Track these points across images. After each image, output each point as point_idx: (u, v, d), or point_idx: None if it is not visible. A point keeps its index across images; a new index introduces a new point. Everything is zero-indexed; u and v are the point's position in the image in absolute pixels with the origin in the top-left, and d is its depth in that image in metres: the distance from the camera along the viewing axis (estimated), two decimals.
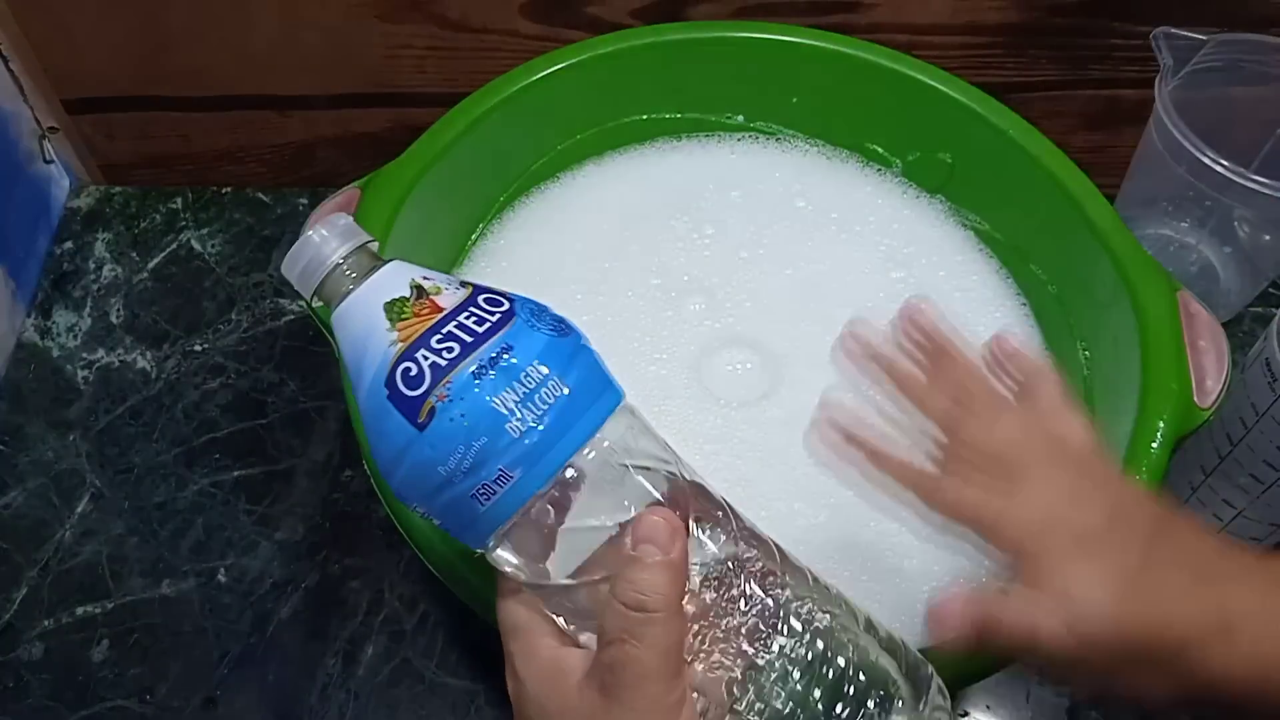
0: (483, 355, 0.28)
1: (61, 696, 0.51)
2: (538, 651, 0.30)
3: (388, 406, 0.29)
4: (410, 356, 0.29)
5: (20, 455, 0.58)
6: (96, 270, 0.66)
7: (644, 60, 0.56)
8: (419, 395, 0.28)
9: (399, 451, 0.29)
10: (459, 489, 0.28)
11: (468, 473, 0.28)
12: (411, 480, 0.29)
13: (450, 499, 0.29)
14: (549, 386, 0.29)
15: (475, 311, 0.29)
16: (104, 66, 0.64)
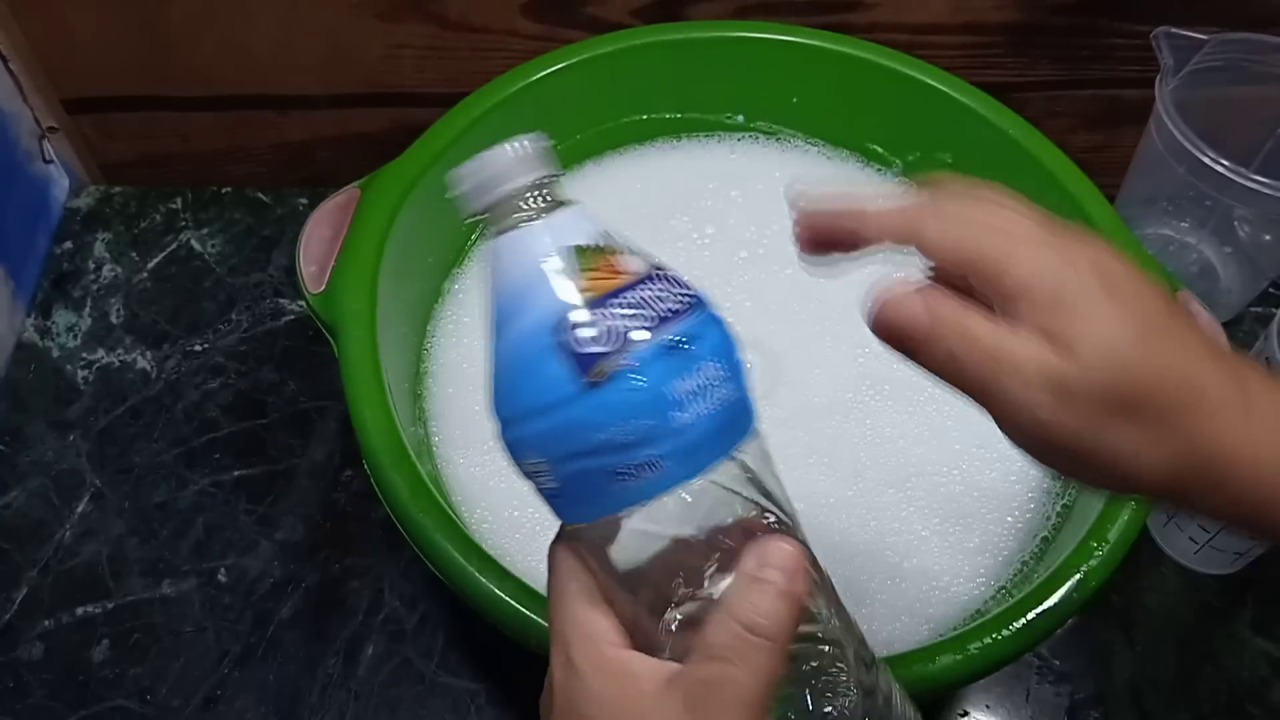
0: (673, 335, 0.27)
1: (62, 696, 0.51)
2: (601, 648, 0.28)
3: (553, 354, 0.26)
4: (596, 310, 0.27)
5: (20, 455, 0.58)
6: (96, 270, 0.66)
7: (644, 60, 0.56)
8: (596, 354, 0.26)
9: (549, 403, 0.26)
10: (601, 461, 0.26)
11: (619, 448, 0.26)
12: (550, 435, 0.27)
13: (586, 468, 0.27)
14: (720, 387, 0.27)
15: (664, 288, 0.28)
16: (104, 66, 0.64)
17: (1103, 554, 0.41)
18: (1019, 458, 0.50)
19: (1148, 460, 0.27)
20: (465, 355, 0.53)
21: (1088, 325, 0.27)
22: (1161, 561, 0.56)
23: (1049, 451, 0.28)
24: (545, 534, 0.47)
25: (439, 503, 0.42)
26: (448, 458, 0.50)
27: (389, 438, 0.43)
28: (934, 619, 0.46)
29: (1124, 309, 0.27)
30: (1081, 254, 0.28)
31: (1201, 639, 0.54)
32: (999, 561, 0.48)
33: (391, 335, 0.48)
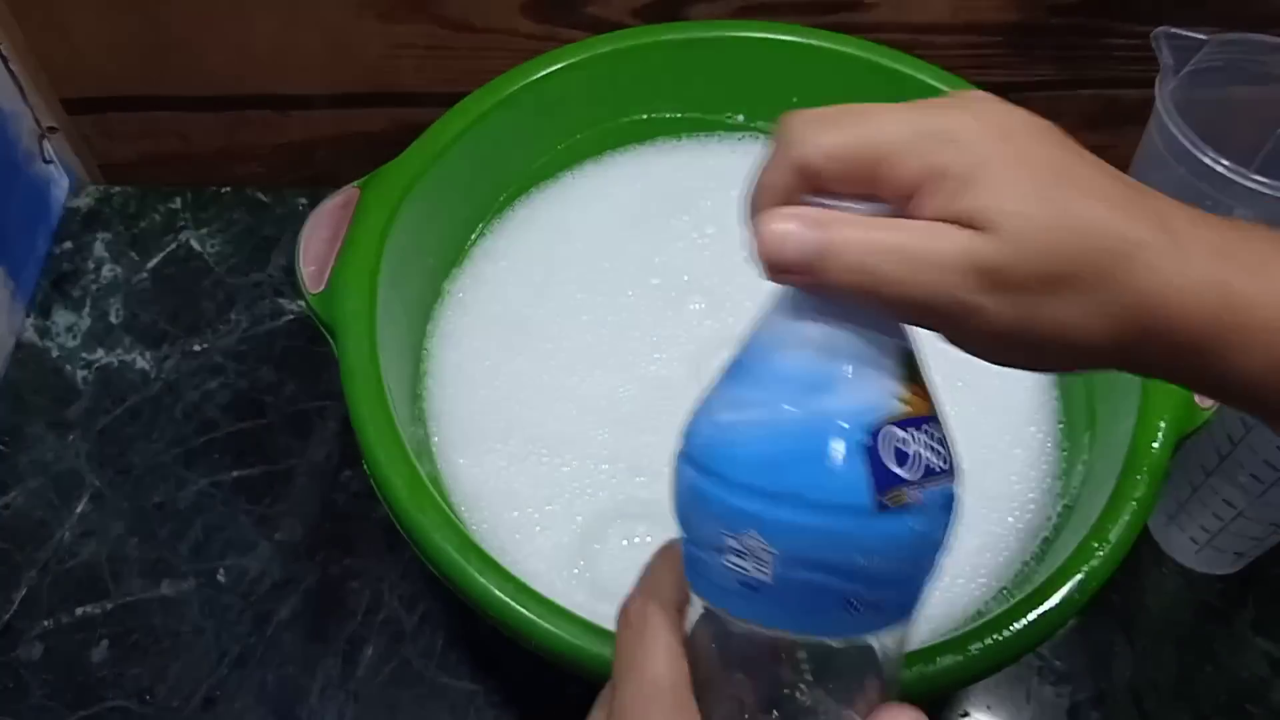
0: (954, 490, 0.25)
1: (61, 696, 0.51)
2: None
3: (856, 456, 0.23)
4: (911, 431, 0.24)
5: (20, 455, 0.58)
6: (96, 270, 0.66)
7: (644, 60, 0.56)
8: (899, 478, 0.23)
9: (825, 503, 0.23)
10: (842, 584, 0.24)
11: (869, 580, 0.24)
12: (804, 533, 0.23)
13: (817, 581, 0.24)
14: (941, 553, 0.25)
15: (944, 435, 0.25)
16: (103, 66, 0.64)
17: (1104, 554, 0.41)
18: (1020, 458, 0.51)
19: (1096, 327, 0.24)
20: (465, 356, 0.53)
21: (1002, 196, 0.24)
22: (1162, 561, 0.56)
23: (1003, 348, 0.26)
24: (544, 533, 0.48)
25: (438, 503, 0.42)
26: (447, 458, 0.50)
27: (388, 438, 0.43)
28: (935, 619, 0.46)
29: (1031, 167, 0.24)
30: (966, 116, 0.25)
31: (1202, 639, 0.54)
32: (1000, 562, 0.48)
33: (391, 335, 0.48)
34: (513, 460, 0.50)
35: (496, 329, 0.54)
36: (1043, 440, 0.51)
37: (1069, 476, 0.49)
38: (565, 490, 0.49)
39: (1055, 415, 0.52)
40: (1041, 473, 0.50)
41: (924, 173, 0.24)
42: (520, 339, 0.53)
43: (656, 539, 0.47)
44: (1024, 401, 0.52)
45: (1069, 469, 0.50)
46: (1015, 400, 0.52)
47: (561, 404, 0.51)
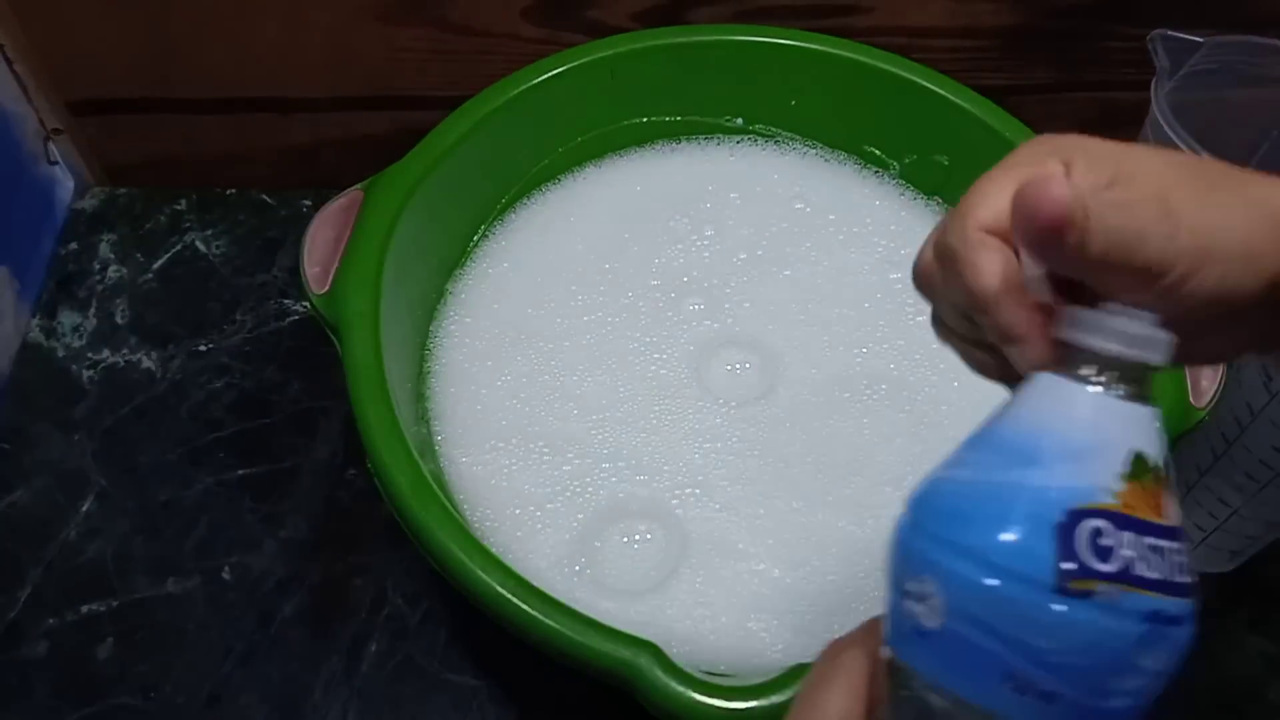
0: (1163, 607, 0.24)
1: (66, 694, 0.51)
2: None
3: (1049, 532, 0.23)
4: (1112, 524, 0.23)
5: (26, 454, 0.59)
6: (101, 271, 0.66)
7: (644, 63, 0.57)
8: (1083, 567, 0.23)
9: (1003, 568, 0.23)
10: (1004, 652, 0.23)
11: (1036, 661, 0.23)
12: (976, 592, 0.24)
13: (982, 645, 0.24)
14: (1141, 678, 0.24)
15: (1182, 559, 0.24)
16: (108, 68, 0.64)
17: None
18: None
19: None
20: (468, 355, 0.54)
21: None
22: None
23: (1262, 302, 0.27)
24: (546, 531, 0.48)
25: (442, 501, 0.42)
26: (450, 456, 0.50)
27: (392, 437, 0.44)
28: None
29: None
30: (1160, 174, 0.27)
31: (1198, 638, 0.54)
32: None
33: (395, 335, 0.49)
34: (514, 459, 0.50)
35: (498, 329, 0.54)
36: None
37: None
38: (566, 489, 0.49)
39: None
40: None
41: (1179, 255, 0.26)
42: (522, 339, 0.54)
43: (657, 537, 0.48)
44: None
45: None
46: None
47: (563, 403, 0.52)
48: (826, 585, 0.47)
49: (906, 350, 0.53)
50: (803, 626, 0.46)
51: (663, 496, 0.49)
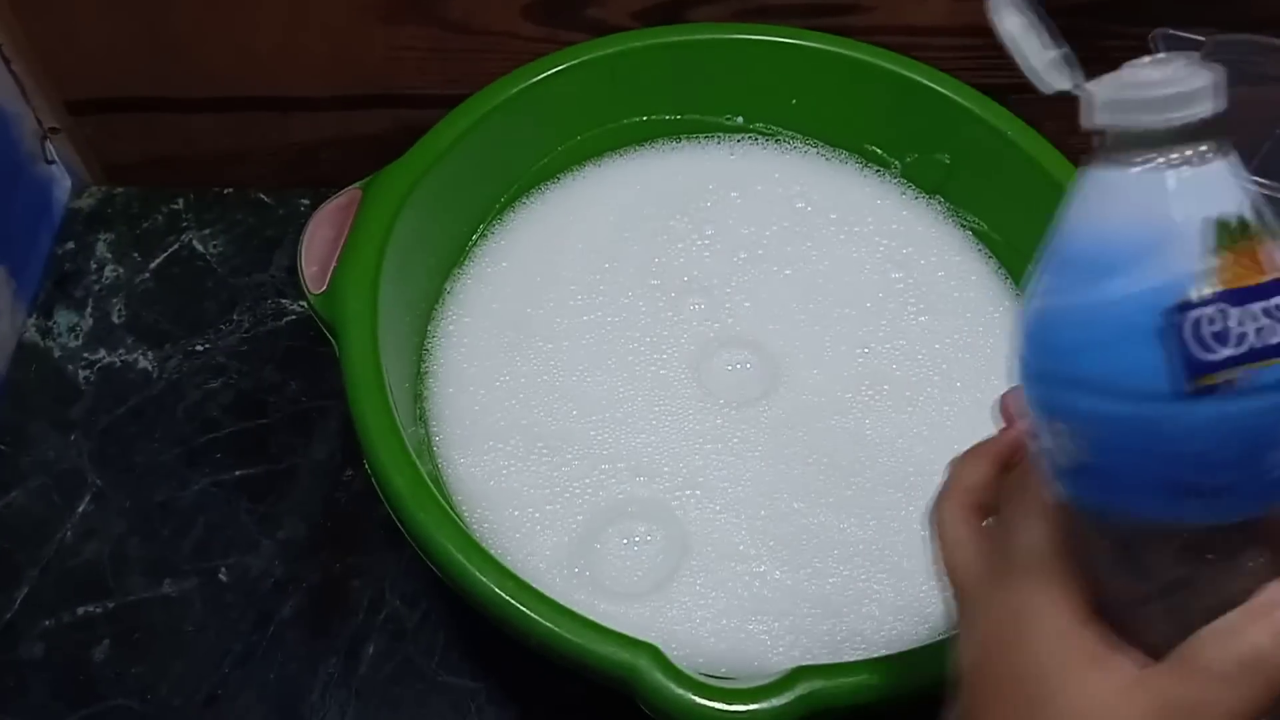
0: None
1: (62, 695, 0.51)
2: (1070, 622, 0.25)
3: (1155, 339, 0.22)
4: (1214, 307, 0.22)
5: (21, 455, 0.58)
6: (98, 270, 0.66)
7: (644, 62, 0.57)
8: (1200, 363, 0.22)
9: (1123, 389, 0.22)
10: (1162, 468, 0.23)
11: (1196, 466, 0.22)
12: (1104, 420, 0.23)
13: (1136, 464, 0.23)
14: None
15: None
16: (106, 67, 0.64)
17: None
18: None
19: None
20: (466, 355, 0.53)
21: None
22: None
23: None
24: (545, 532, 0.48)
25: (439, 502, 0.42)
26: (448, 457, 0.50)
27: (390, 437, 0.43)
28: (933, 618, 0.46)
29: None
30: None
31: None
32: None
33: (392, 335, 0.49)
34: (513, 460, 0.50)
35: (497, 329, 0.54)
36: None
37: None
38: (566, 490, 0.49)
39: None
40: None
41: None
42: (521, 339, 0.54)
43: (657, 538, 0.48)
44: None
45: None
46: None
47: (562, 404, 0.51)
48: (828, 587, 0.47)
49: (909, 350, 0.53)
50: (804, 629, 0.45)
51: (663, 497, 0.49)
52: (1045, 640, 0.25)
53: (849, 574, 0.47)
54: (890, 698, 0.38)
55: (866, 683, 0.38)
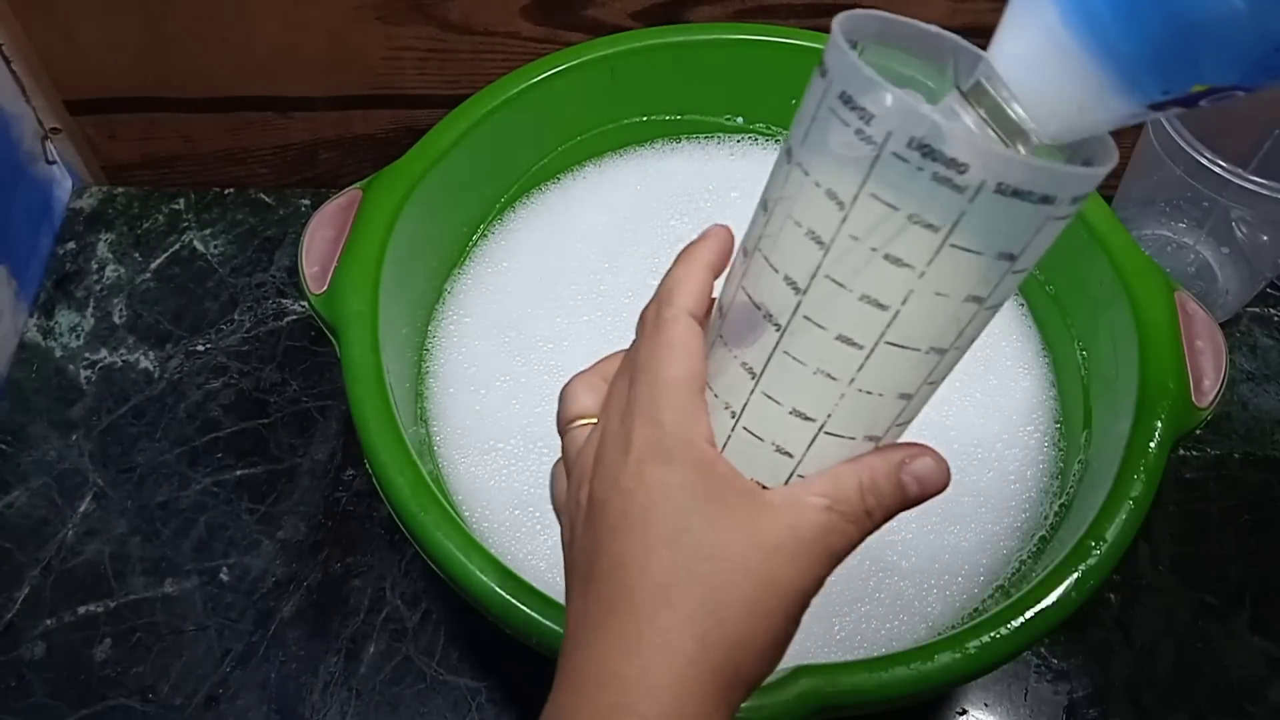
0: None
1: (64, 695, 0.51)
2: (704, 447, 0.27)
3: None
4: None
5: (23, 455, 0.59)
6: (99, 270, 0.66)
7: (644, 62, 0.57)
8: None
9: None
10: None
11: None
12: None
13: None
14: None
15: None
16: (106, 68, 0.64)
17: (1101, 553, 0.41)
18: (1018, 457, 0.51)
19: None
20: (466, 356, 0.53)
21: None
22: (1159, 561, 0.56)
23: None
24: (545, 532, 0.48)
25: (440, 502, 0.42)
26: (449, 457, 0.50)
27: (390, 437, 0.43)
28: (932, 617, 0.46)
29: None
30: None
31: (1200, 638, 0.54)
32: (997, 560, 0.48)
33: (393, 336, 0.49)
34: (513, 460, 0.50)
35: (497, 329, 0.54)
36: (1040, 440, 0.51)
37: (1066, 476, 0.50)
38: None
39: (1052, 415, 0.52)
40: (1039, 472, 0.50)
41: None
42: (521, 339, 0.54)
43: None
44: (1021, 401, 0.52)
45: (1066, 468, 0.50)
46: (1013, 400, 0.52)
47: None
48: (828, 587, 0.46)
49: None
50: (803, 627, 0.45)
51: None
52: (687, 470, 0.27)
53: (849, 574, 0.47)
54: (890, 698, 0.38)
55: (865, 681, 0.38)
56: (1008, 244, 0.25)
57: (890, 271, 0.25)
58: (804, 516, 0.27)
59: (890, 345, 0.26)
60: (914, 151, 0.23)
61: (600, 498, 0.28)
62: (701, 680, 0.26)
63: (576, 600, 0.29)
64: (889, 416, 0.28)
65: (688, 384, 0.28)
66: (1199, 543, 0.56)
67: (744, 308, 0.28)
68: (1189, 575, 0.55)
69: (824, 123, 0.25)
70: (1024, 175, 0.23)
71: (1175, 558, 0.56)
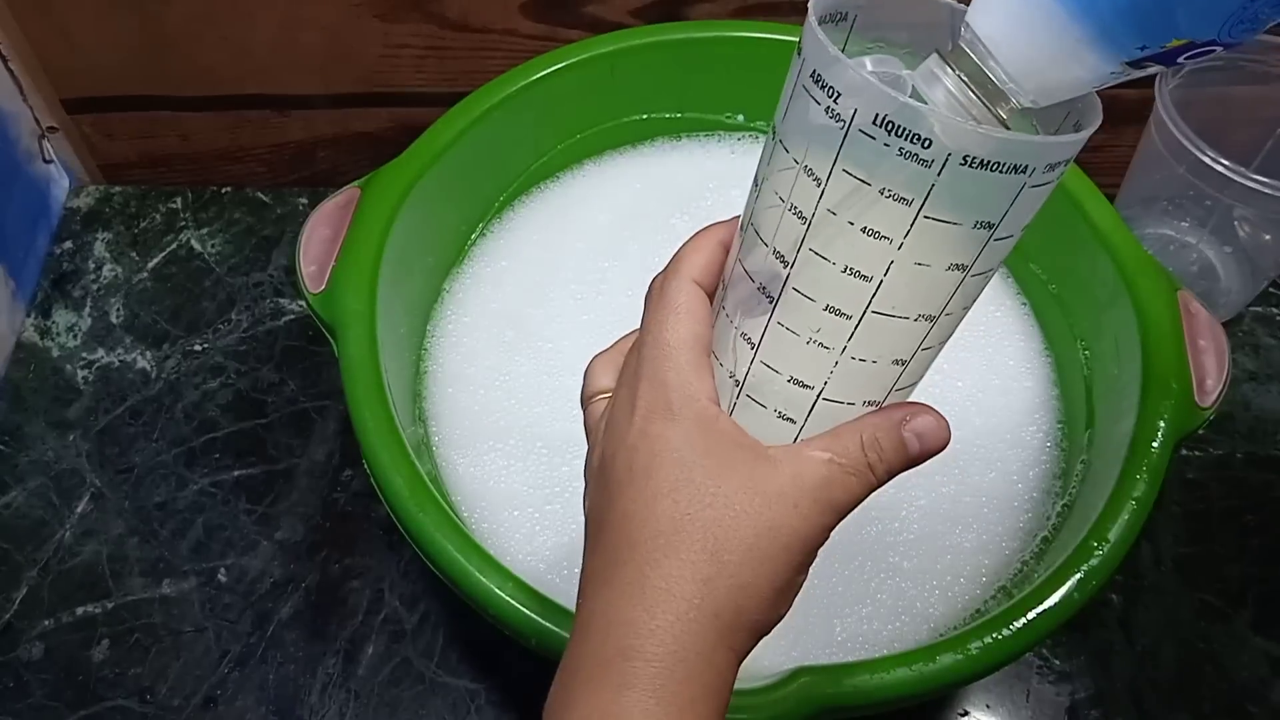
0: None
1: (61, 696, 0.51)
2: (710, 407, 0.28)
3: None
4: None
5: (20, 455, 0.58)
6: (96, 270, 0.66)
7: (644, 60, 0.56)
8: None
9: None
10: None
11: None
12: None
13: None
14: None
15: None
16: (104, 66, 0.64)
17: (1103, 554, 0.41)
18: (1020, 457, 0.51)
19: None
20: (465, 355, 0.53)
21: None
22: (1161, 561, 0.56)
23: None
24: (544, 533, 0.48)
25: (439, 502, 0.42)
26: (447, 458, 0.50)
27: (389, 437, 0.43)
28: (934, 618, 0.46)
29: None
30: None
31: (1201, 639, 0.54)
32: (999, 561, 0.48)
33: (391, 335, 0.48)
34: (513, 460, 0.50)
35: (496, 329, 0.54)
36: (1042, 440, 0.51)
37: (1068, 476, 0.49)
38: (565, 490, 0.49)
39: (1055, 415, 0.52)
40: (1041, 472, 0.50)
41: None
42: (520, 339, 0.53)
43: None
44: (1024, 401, 0.52)
45: (1068, 468, 0.50)
46: (1015, 400, 0.52)
47: (561, 404, 0.51)
48: (828, 588, 0.46)
49: None
50: (803, 629, 0.45)
51: None
52: (694, 431, 0.28)
53: (849, 574, 0.47)
54: (892, 699, 0.38)
55: (866, 683, 0.38)
56: (984, 213, 0.25)
57: (869, 244, 0.25)
58: (805, 467, 0.28)
59: (877, 314, 0.26)
60: (879, 128, 0.24)
61: (609, 456, 0.29)
62: (704, 622, 0.27)
63: (589, 556, 0.30)
64: (887, 382, 0.28)
65: (690, 345, 0.29)
66: (1201, 543, 0.56)
67: (741, 280, 0.28)
68: (1191, 575, 0.55)
69: (799, 101, 0.25)
70: (989, 146, 0.23)
71: (1178, 558, 0.56)
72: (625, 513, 0.28)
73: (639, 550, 0.27)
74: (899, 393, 0.29)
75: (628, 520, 0.28)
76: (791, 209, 0.26)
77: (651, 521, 0.27)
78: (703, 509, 0.27)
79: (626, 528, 0.28)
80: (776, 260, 0.27)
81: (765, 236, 0.27)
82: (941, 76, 0.25)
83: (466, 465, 0.50)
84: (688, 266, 0.30)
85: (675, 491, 0.27)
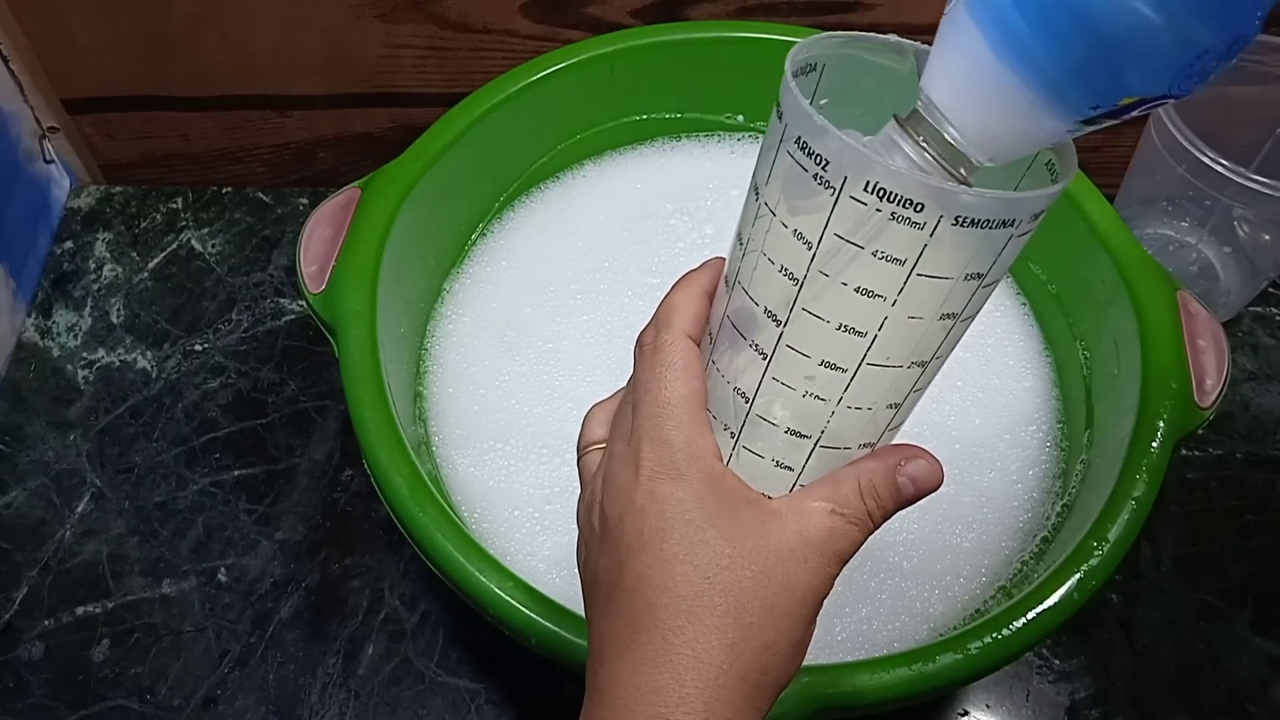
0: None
1: (62, 696, 0.51)
2: (713, 462, 0.28)
3: None
4: None
5: (20, 455, 0.58)
6: (97, 270, 0.66)
7: (644, 60, 0.56)
8: None
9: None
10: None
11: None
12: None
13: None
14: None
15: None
16: (104, 66, 0.64)
17: (1103, 554, 0.41)
18: (1020, 458, 0.51)
19: None
20: (465, 355, 0.53)
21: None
22: (1161, 561, 0.56)
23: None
24: (544, 533, 0.48)
25: (439, 502, 0.42)
26: (447, 458, 0.50)
27: (389, 437, 0.43)
28: (934, 618, 0.46)
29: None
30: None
31: (1201, 639, 0.54)
32: (999, 561, 0.48)
33: (391, 335, 0.48)
34: (513, 460, 0.50)
35: (496, 329, 0.54)
36: (1042, 440, 0.51)
37: (1068, 476, 0.49)
38: (565, 490, 0.49)
39: (1054, 415, 0.52)
40: (1041, 472, 0.50)
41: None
42: (520, 339, 0.53)
43: None
44: (1024, 402, 0.52)
45: (1068, 469, 0.50)
46: (1015, 400, 0.52)
47: (561, 404, 0.51)
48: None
49: None
50: None
51: None
52: (700, 487, 0.28)
53: (849, 574, 0.47)
54: (892, 699, 0.38)
55: (866, 683, 0.38)
56: (974, 266, 0.25)
57: (863, 302, 0.26)
58: (811, 521, 0.28)
59: (872, 366, 0.27)
60: (871, 195, 0.24)
61: (614, 518, 0.29)
62: (732, 687, 0.27)
63: (600, 619, 0.29)
64: (881, 424, 0.29)
65: (690, 402, 0.29)
66: (1201, 543, 0.56)
67: (732, 336, 0.28)
68: (1191, 575, 0.55)
69: (784, 165, 0.25)
70: (980, 206, 0.24)
71: (1177, 558, 0.56)
72: (641, 576, 0.28)
73: (660, 616, 0.27)
74: (890, 432, 0.30)
75: (644, 584, 0.28)
76: (782, 270, 0.26)
77: (671, 587, 0.27)
78: (721, 571, 0.27)
79: (644, 592, 0.28)
80: (769, 319, 0.27)
81: (756, 296, 0.27)
82: (900, 142, 0.25)
83: (466, 465, 0.50)
84: (679, 320, 0.30)
85: (692, 555, 0.27)
